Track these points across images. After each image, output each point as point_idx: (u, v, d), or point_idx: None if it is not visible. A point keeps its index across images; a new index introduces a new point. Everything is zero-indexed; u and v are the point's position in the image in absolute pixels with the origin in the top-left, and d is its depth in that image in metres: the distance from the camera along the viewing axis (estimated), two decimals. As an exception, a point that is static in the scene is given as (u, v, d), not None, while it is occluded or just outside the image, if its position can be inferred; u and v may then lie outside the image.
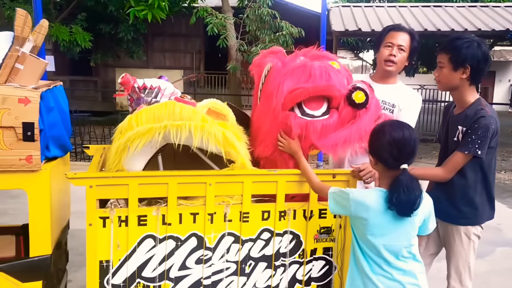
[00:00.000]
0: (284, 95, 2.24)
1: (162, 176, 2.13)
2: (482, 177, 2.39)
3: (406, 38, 2.65)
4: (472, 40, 2.31)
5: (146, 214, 2.14)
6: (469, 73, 2.30)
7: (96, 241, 2.09)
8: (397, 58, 2.63)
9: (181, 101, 2.11)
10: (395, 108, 2.68)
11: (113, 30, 11.65)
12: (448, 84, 2.39)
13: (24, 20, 2.06)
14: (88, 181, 2.03)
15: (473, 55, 2.26)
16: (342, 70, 2.40)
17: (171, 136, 1.98)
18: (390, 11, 9.44)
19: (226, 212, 2.23)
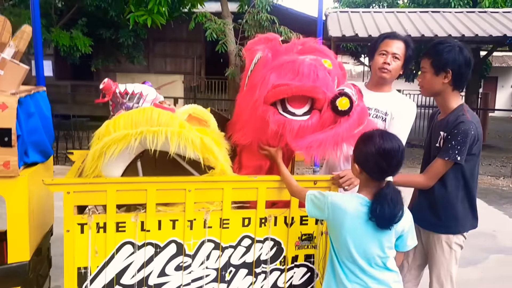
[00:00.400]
0: (268, 88, 2.19)
1: (141, 183, 2.13)
2: (463, 185, 2.36)
3: (401, 46, 2.62)
4: (453, 44, 2.30)
5: (125, 220, 2.13)
6: (450, 77, 2.28)
7: (73, 247, 2.08)
8: (391, 66, 2.61)
9: (160, 107, 2.11)
10: (387, 116, 2.66)
11: (113, 35, 11.69)
12: (431, 89, 2.38)
13: (2, 25, 2.06)
14: (66, 187, 2.03)
15: (454, 60, 2.26)
16: (334, 70, 2.34)
17: (148, 142, 1.98)
18: (388, 16, 9.43)
19: (206, 219, 2.22)
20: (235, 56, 9.82)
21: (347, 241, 1.84)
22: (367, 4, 15.10)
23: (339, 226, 1.85)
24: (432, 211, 2.41)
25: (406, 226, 1.91)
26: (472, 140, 2.26)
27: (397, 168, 1.85)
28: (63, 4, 11.36)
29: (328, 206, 1.87)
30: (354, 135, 2.17)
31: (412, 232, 1.96)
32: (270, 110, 2.19)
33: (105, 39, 11.81)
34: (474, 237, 2.60)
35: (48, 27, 10.13)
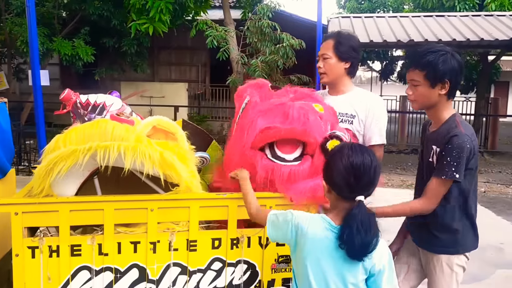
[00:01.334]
0: (256, 132, 2.09)
1: (97, 202, 1.95)
2: (462, 202, 2.17)
3: (328, 45, 2.56)
4: (445, 51, 2.11)
5: (80, 243, 1.95)
6: (448, 88, 2.10)
7: (24, 273, 1.91)
8: (323, 68, 2.57)
9: (116, 119, 1.93)
10: (354, 118, 2.53)
11: (116, 44, 11.65)
12: (426, 103, 2.18)
13: None
14: (12, 208, 1.86)
15: (451, 69, 2.08)
16: (326, 115, 2.24)
17: (98, 158, 1.79)
18: (390, 21, 9.18)
19: (171, 240, 2.03)
20: (237, 63, 9.68)
21: (307, 270, 1.62)
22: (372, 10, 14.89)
23: (300, 250, 1.64)
24: (430, 230, 2.21)
25: (380, 263, 1.64)
26: (468, 154, 2.06)
27: (368, 187, 1.62)
28: (67, 13, 11.35)
29: (292, 227, 1.67)
30: None
31: (390, 273, 1.67)
32: (258, 155, 2.09)
33: (108, 47, 11.77)
34: (480, 250, 2.40)
35: (50, 37, 10.10)
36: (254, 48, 9.40)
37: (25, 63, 12.28)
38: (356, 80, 24.21)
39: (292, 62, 9.34)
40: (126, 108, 2.28)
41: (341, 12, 15.97)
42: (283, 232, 1.71)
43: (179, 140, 2.12)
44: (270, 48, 9.30)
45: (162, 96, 13.01)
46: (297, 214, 1.71)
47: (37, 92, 7.30)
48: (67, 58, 10.17)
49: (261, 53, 9.28)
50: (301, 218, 1.68)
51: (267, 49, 9.31)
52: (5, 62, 11.40)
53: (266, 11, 9.46)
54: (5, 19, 9.91)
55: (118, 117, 1.97)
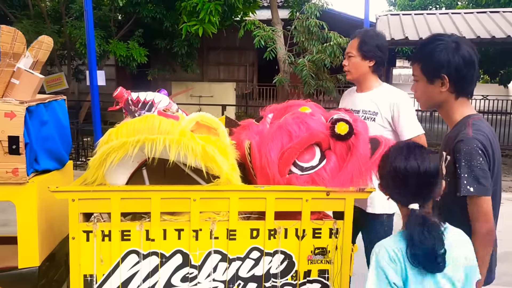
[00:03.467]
0: (276, 163, 2.19)
1: (145, 191, 2.10)
2: None
3: (353, 43, 2.68)
4: (446, 41, 1.84)
5: (130, 229, 2.11)
6: (448, 84, 1.83)
7: (79, 255, 2.09)
8: (347, 66, 2.71)
9: (162, 115, 2.08)
10: (377, 115, 2.63)
11: (168, 45, 12.03)
12: (430, 101, 1.93)
13: (13, 36, 2.13)
14: (70, 195, 2.04)
15: (448, 61, 1.80)
16: (315, 111, 2.38)
17: (146, 150, 1.94)
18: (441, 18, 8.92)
19: (212, 229, 2.15)
20: (284, 62, 9.77)
21: None
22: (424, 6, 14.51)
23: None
24: None
25: (463, 265, 1.57)
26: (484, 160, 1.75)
27: (420, 192, 1.53)
28: (122, 16, 11.86)
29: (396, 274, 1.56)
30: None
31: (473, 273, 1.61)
32: (292, 178, 2.19)
33: (160, 49, 12.19)
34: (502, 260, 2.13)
35: (107, 39, 10.60)
36: (301, 47, 9.45)
37: (83, 65, 12.93)
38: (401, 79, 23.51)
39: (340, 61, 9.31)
40: (173, 105, 2.43)
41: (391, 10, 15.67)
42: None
43: (221, 135, 2.25)
44: (317, 47, 9.31)
45: (211, 95, 13.31)
46: (381, 261, 1.59)
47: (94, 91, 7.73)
48: (122, 59, 10.63)
49: (308, 52, 9.32)
50: (387, 263, 1.58)
51: (314, 48, 9.33)
52: (65, 64, 12.04)
53: (314, 10, 9.48)
54: (65, 22, 10.50)
55: (165, 113, 2.12)
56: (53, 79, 11.19)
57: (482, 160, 1.74)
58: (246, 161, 2.31)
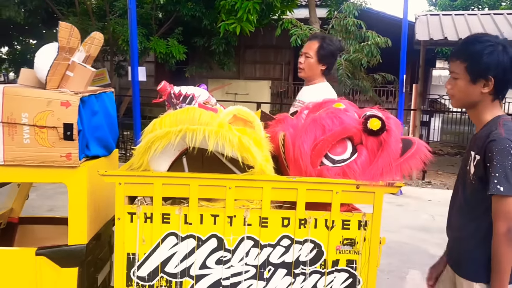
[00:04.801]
0: (309, 154, 2.30)
1: (184, 178, 2.25)
2: None
3: (312, 46, 3.01)
4: (495, 43, 1.85)
5: (170, 212, 2.27)
6: (492, 86, 1.86)
7: (124, 234, 2.27)
8: (303, 64, 3.06)
9: (202, 107, 2.22)
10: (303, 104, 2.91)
11: (206, 43, 12.29)
12: (466, 100, 1.95)
13: (70, 32, 2.32)
14: (117, 179, 2.22)
15: (497, 63, 1.82)
16: (349, 107, 2.47)
17: (187, 140, 2.10)
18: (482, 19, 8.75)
19: (245, 216, 2.29)
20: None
21: None
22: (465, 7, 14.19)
23: None
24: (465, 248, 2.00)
25: None
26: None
27: None
28: (163, 14, 12.20)
29: None
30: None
31: None
32: (323, 169, 2.29)
33: (199, 46, 12.47)
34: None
35: (148, 36, 10.93)
36: (337, 46, 9.49)
37: (125, 61, 13.39)
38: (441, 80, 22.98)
39: (377, 61, 9.28)
40: (212, 99, 2.58)
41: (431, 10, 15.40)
42: None
43: (256, 128, 2.37)
44: (354, 46, 9.33)
45: (246, 93, 13.51)
46: None
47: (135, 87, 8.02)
48: (161, 56, 10.96)
49: (345, 52, 9.35)
50: None
51: (352, 47, 9.35)
52: (107, 60, 12.48)
53: (352, 9, 9.51)
54: (109, 19, 10.90)
55: (205, 105, 2.26)
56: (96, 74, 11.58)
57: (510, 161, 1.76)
58: (279, 153, 2.43)
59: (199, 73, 13.66)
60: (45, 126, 2.22)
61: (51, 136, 2.23)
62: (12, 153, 2.23)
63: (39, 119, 2.21)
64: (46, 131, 2.23)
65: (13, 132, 2.22)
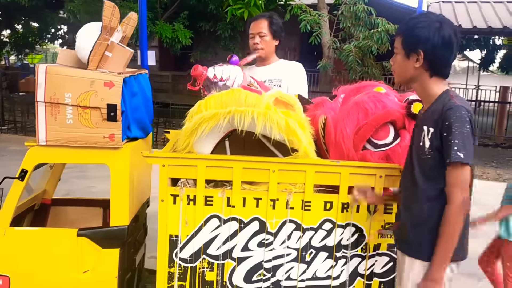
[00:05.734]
0: (352, 138, 2.30)
1: (228, 160, 2.24)
2: None
3: (263, 24, 2.99)
4: (431, 19, 1.83)
5: (212, 195, 2.27)
6: (422, 60, 1.83)
7: (167, 216, 2.26)
8: (260, 44, 3.00)
9: (247, 89, 2.20)
10: (282, 82, 2.97)
11: (212, 28, 12.17)
12: (404, 75, 1.93)
13: (112, 11, 2.28)
14: (161, 160, 2.21)
15: (427, 38, 1.80)
16: (389, 92, 2.46)
17: (235, 122, 2.08)
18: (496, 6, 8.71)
19: (288, 200, 2.28)
20: (329, 48, 9.75)
21: None
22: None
23: None
24: (407, 229, 1.96)
25: None
26: (470, 130, 1.76)
27: None
28: (168, -2, 12.05)
29: None
30: None
31: None
32: (366, 154, 2.29)
33: (204, 31, 12.34)
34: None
35: (153, 20, 10.82)
36: (347, 33, 9.39)
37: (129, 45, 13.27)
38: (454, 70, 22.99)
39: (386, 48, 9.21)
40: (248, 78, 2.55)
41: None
42: None
43: (297, 111, 2.36)
44: (364, 33, 9.23)
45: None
46: None
47: (146, 70, 7.92)
48: (167, 41, 10.84)
49: (355, 38, 9.27)
50: None
51: (361, 34, 9.25)
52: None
53: (362, -4, 9.38)
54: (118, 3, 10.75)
55: (249, 87, 2.24)
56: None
57: (469, 128, 1.76)
58: (318, 136, 2.42)
59: (204, 58, 13.54)
60: (88, 106, 2.20)
61: (94, 117, 2.21)
62: (54, 133, 2.21)
63: (82, 99, 2.18)
64: (89, 112, 2.21)
65: (56, 112, 2.19)
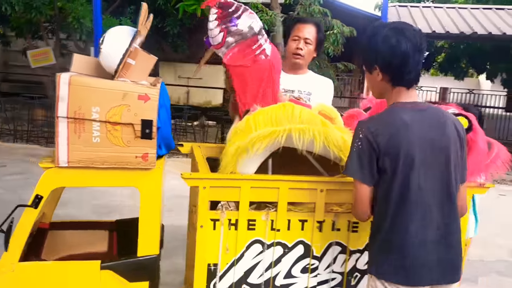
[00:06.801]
0: None
1: (274, 180, 2.06)
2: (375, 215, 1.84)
3: (312, 30, 2.73)
4: (380, 32, 1.76)
5: (255, 218, 2.08)
6: (381, 74, 1.77)
7: (206, 243, 2.04)
8: (303, 51, 2.73)
9: (297, 103, 2.03)
10: (311, 95, 2.74)
11: (159, 23, 11.71)
12: (374, 90, 1.87)
13: (145, 15, 2.02)
14: (203, 182, 1.98)
15: (376, 53, 1.75)
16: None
17: (294, 140, 1.91)
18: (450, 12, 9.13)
19: (334, 221, 2.14)
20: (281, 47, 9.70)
21: None
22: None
23: None
24: None
25: None
26: (366, 148, 1.70)
27: None
28: (113, -9, 11.41)
29: None
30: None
31: None
32: None
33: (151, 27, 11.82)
34: None
35: (98, 14, 10.17)
36: (303, 34, 9.41)
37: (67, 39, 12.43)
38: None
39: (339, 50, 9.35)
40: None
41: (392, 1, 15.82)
42: None
43: (338, 124, 2.23)
44: (319, 34, 9.30)
45: (200, 77, 13.08)
46: None
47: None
48: (114, 36, 10.26)
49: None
50: None
51: (317, 36, 9.32)
52: (51, 37, 11.51)
53: (317, -4, 9.45)
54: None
55: (298, 101, 2.07)
56: (39, 53, 10.68)
57: (362, 145, 1.71)
58: None
59: (150, 55, 13.00)
60: (120, 122, 1.90)
61: (126, 134, 1.93)
62: (78, 154, 1.90)
63: (113, 115, 1.89)
64: (120, 128, 1.92)
65: (81, 129, 1.88)
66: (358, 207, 1.81)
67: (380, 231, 1.78)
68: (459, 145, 1.79)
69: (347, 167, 1.77)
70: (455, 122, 1.81)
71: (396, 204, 1.71)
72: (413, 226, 1.70)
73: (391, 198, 1.72)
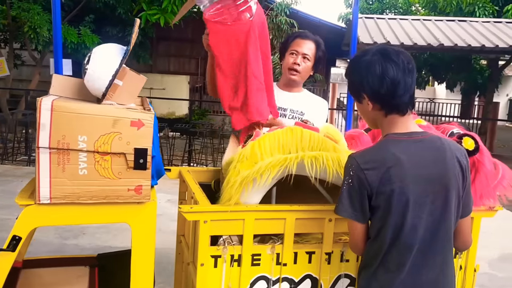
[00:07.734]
0: None
1: (280, 211, 1.89)
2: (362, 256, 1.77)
3: (312, 47, 2.57)
4: (364, 59, 1.63)
5: (260, 252, 1.90)
6: (370, 103, 1.64)
7: (207, 283, 1.84)
8: (301, 67, 2.55)
9: (305, 127, 1.88)
10: (303, 115, 2.59)
11: (120, 33, 11.35)
12: (367, 119, 1.76)
13: (136, 30, 1.81)
14: (204, 216, 1.79)
15: (360, 82, 1.63)
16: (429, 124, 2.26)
17: (306, 169, 1.75)
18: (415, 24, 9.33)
19: (343, 251, 2.00)
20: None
21: None
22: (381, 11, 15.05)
23: None
24: None
25: None
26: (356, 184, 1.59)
27: None
28: (71, 0, 10.97)
29: None
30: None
31: None
32: None
33: (111, 36, 11.45)
34: None
35: (55, 23, 9.72)
36: (272, 45, 9.35)
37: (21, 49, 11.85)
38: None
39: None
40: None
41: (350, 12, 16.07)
42: None
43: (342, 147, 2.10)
44: (286, 45, 9.27)
45: (163, 88, 12.79)
46: None
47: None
48: (72, 46, 9.83)
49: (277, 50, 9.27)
50: None
51: (284, 46, 9.28)
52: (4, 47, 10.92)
53: (283, 8, 9.44)
54: (10, 3, 9.47)
55: (305, 124, 1.92)
56: (-9, 64, 10.10)
57: (353, 183, 1.60)
58: None
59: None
60: (109, 152, 1.69)
61: (117, 165, 1.71)
62: (62, 188, 1.66)
63: (102, 144, 1.67)
64: (109, 159, 1.69)
65: (65, 160, 1.65)
66: (353, 243, 1.74)
67: (368, 268, 1.68)
68: (461, 178, 1.64)
69: (337, 206, 1.65)
70: (456, 153, 1.65)
71: (389, 244, 1.60)
72: (405, 267, 1.60)
73: (383, 237, 1.60)
